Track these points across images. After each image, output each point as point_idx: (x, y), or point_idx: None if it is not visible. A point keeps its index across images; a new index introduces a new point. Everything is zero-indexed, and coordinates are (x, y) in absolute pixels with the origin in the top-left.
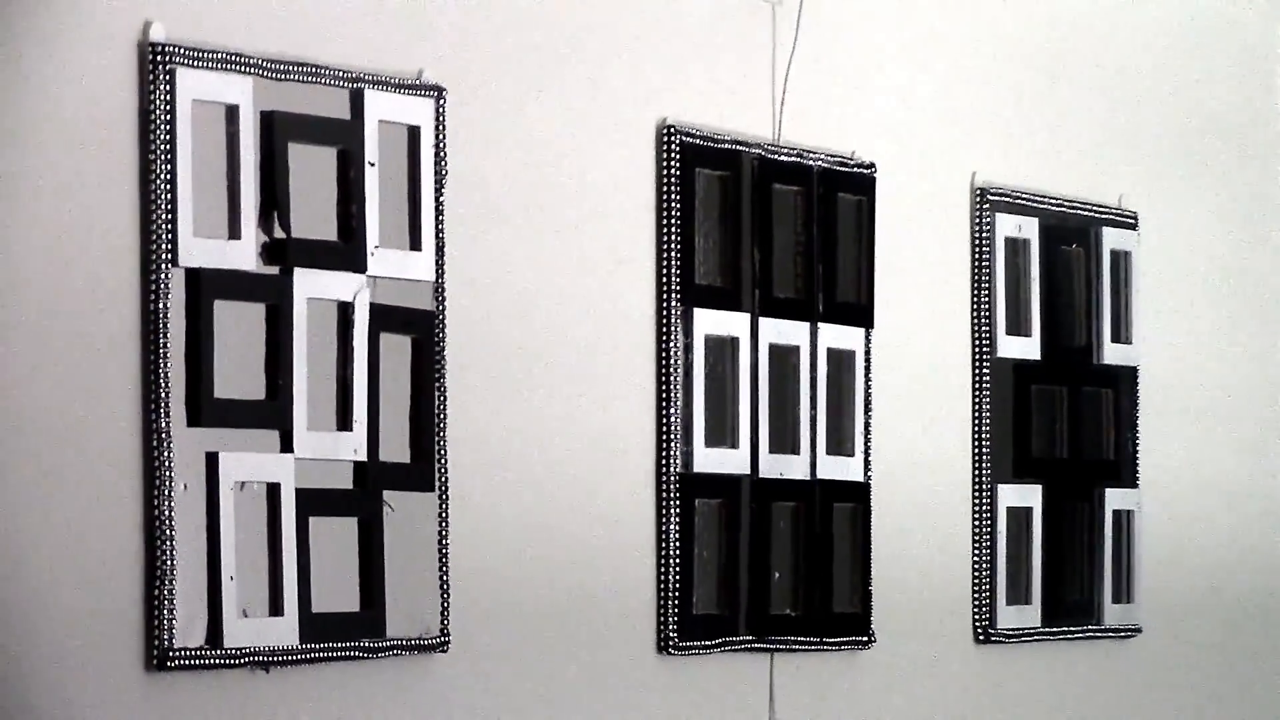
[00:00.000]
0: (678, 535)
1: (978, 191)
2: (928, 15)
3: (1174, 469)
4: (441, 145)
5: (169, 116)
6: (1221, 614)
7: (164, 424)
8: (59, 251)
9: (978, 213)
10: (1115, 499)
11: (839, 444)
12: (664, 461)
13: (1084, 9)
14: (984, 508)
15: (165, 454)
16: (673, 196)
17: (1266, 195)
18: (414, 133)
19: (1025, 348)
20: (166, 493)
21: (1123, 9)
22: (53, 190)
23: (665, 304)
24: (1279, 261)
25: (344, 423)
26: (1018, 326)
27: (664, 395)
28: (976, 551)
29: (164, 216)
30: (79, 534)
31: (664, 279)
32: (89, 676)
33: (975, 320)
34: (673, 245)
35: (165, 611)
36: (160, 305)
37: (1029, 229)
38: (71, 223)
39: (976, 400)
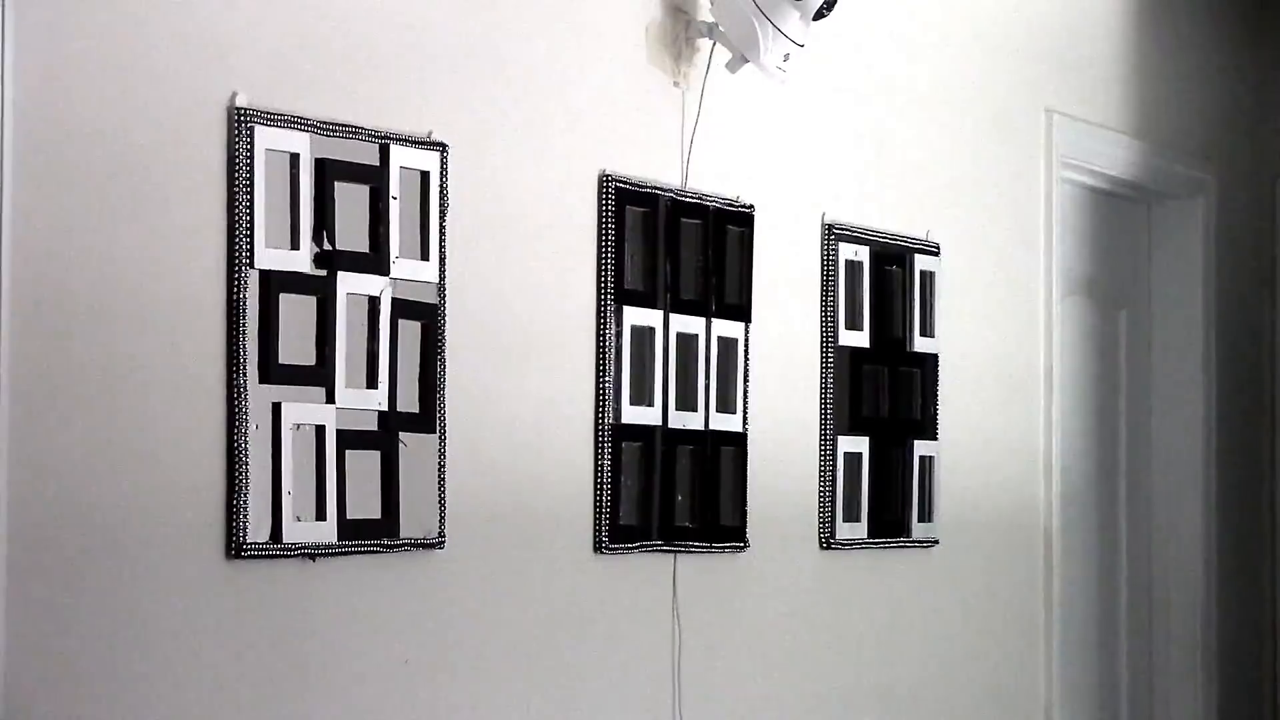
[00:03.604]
0: (609, 468)
1: (826, 227)
2: (791, 100)
3: (962, 427)
4: (445, 185)
5: (249, 161)
6: (992, 528)
7: (242, 382)
8: (169, 258)
9: (826, 242)
10: (921, 448)
11: (725, 405)
12: (600, 415)
13: (899, 94)
14: (828, 452)
15: (243, 403)
16: (609, 226)
17: (1027, 228)
18: (425, 176)
19: (859, 339)
20: (244, 431)
21: (925, 91)
22: (164, 213)
23: (602, 302)
24: (1036, 279)
25: (372, 382)
26: (854, 323)
27: (601, 368)
28: (822, 483)
29: (244, 232)
30: (181, 461)
31: (602, 284)
32: (186, 562)
33: (823, 319)
34: (608, 260)
35: (241, 516)
36: (241, 296)
37: (863, 254)
38: (178, 235)
39: (823, 376)
